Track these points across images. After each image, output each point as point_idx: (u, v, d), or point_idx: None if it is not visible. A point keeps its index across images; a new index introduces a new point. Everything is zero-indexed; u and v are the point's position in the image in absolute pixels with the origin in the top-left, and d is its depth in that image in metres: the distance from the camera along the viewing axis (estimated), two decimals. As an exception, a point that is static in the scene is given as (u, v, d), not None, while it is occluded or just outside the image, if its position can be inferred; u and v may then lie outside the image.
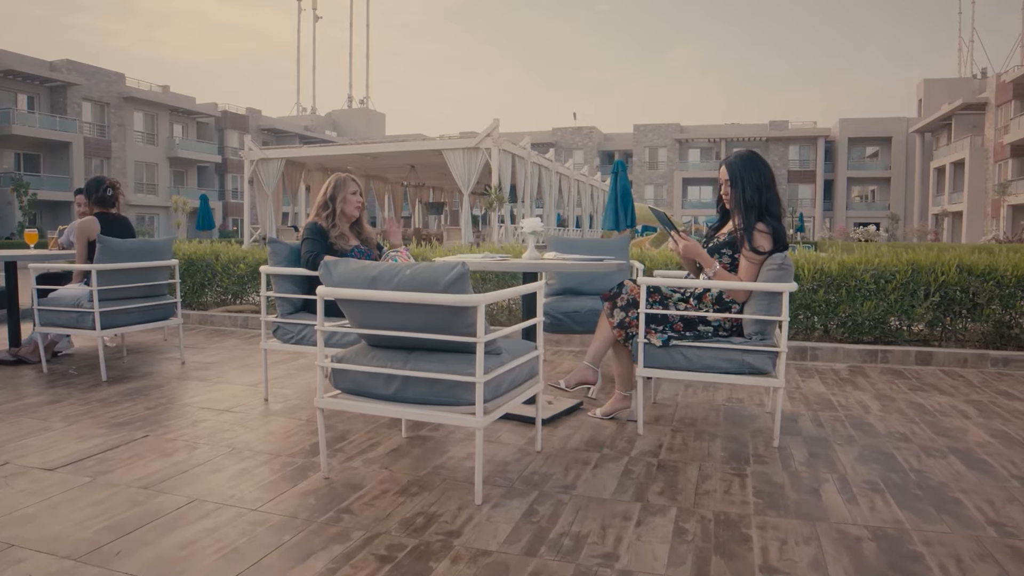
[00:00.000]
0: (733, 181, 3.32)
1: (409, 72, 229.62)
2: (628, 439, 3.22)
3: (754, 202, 3.24)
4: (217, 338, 6.10)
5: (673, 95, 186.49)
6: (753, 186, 3.25)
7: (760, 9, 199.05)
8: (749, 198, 3.25)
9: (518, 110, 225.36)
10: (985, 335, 5.35)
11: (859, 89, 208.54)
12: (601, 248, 4.95)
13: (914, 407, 3.91)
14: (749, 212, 3.25)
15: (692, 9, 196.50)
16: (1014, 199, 33.95)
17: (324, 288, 2.50)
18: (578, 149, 57.29)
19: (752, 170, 3.28)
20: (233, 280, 7.13)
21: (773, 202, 3.25)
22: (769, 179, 3.28)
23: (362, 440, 3.12)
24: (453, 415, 2.39)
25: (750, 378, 3.16)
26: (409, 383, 2.47)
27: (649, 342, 3.22)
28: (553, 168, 25.63)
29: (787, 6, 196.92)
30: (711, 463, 2.93)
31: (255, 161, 21.23)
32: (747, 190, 3.26)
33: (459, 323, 2.37)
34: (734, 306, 3.25)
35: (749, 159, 3.34)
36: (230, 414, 3.55)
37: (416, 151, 20.95)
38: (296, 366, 4.83)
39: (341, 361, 2.57)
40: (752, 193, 3.25)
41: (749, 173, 3.28)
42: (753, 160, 3.33)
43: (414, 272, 2.34)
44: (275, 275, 3.79)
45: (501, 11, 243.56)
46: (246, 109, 49.19)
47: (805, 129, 54.78)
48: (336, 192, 3.88)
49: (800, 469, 2.87)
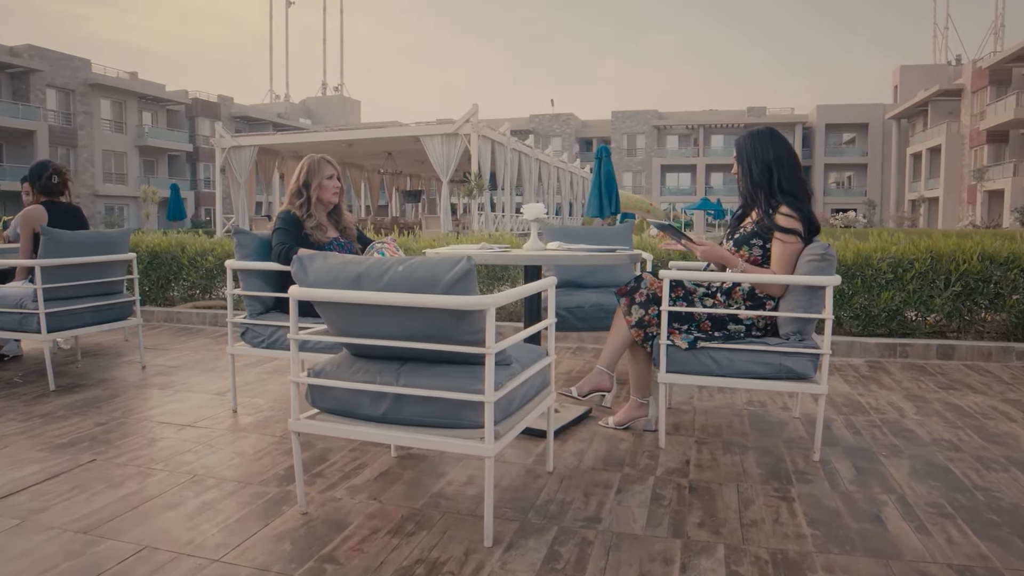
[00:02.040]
0: (740, 158, 2.96)
1: (384, 59, 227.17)
2: (650, 454, 2.84)
3: (763, 180, 2.87)
4: (183, 337, 5.62)
5: (651, 82, 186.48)
6: (761, 162, 2.89)
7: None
8: (757, 176, 2.89)
9: (495, 97, 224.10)
10: (1005, 326, 5.04)
11: (836, 75, 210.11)
12: (603, 237, 4.55)
13: (951, 409, 3.58)
14: (757, 192, 2.88)
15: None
16: (991, 185, 34.14)
17: (298, 288, 2.07)
18: (556, 136, 56.83)
19: (760, 145, 2.91)
20: (201, 274, 6.63)
21: (789, 180, 2.87)
22: (783, 155, 2.90)
23: (345, 461, 2.70)
24: (457, 441, 1.98)
25: (789, 384, 2.78)
26: (403, 401, 2.05)
27: (673, 344, 2.83)
28: (533, 155, 25.20)
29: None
30: (749, 483, 2.55)
31: (227, 149, 20.52)
32: (754, 167, 2.90)
33: (463, 329, 1.96)
34: (768, 302, 2.87)
35: (758, 133, 2.96)
36: (193, 430, 3.10)
37: (393, 137, 20.39)
38: (269, 369, 4.38)
39: (320, 375, 2.15)
40: (761, 170, 2.88)
41: (757, 148, 2.91)
42: (763, 134, 2.95)
43: (408, 269, 1.92)
44: (242, 271, 3.34)
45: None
46: (218, 96, 48.01)
47: (783, 115, 54.77)
48: (310, 177, 3.42)
49: (851, 489, 2.50)
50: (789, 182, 2.86)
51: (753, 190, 2.92)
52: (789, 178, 2.86)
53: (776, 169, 2.86)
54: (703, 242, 2.86)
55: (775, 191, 2.85)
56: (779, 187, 2.85)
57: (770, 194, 2.88)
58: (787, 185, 2.86)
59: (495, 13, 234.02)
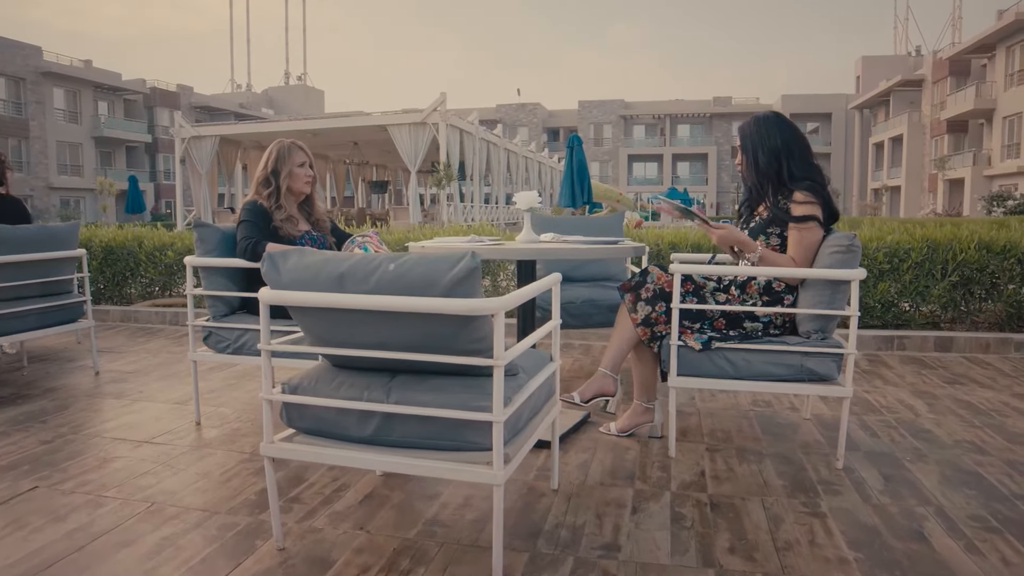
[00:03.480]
0: (744, 147, 2.74)
1: (348, 49, 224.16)
2: (660, 465, 2.59)
3: (771, 170, 2.64)
4: (142, 338, 5.23)
5: (617, 71, 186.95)
6: (768, 151, 2.65)
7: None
8: (764, 166, 2.66)
9: (461, 87, 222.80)
10: (999, 316, 4.91)
11: (800, 66, 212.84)
12: (593, 228, 4.30)
13: (964, 406, 3.41)
14: (765, 183, 2.66)
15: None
16: (952, 174, 34.71)
17: (270, 291, 1.77)
18: (523, 126, 56.45)
19: (767, 131, 2.68)
20: (160, 270, 6.23)
21: (801, 167, 2.64)
22: (791, 140, 2.66)
23: (324, 482, 2.41)
24: (460, 467, 1.70)
25: (810, 386, 2.56)
26: (394, 421, 1.77)
27: (685, 344, 2.58)
28: (501, 144, 24.90)
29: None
30: (774, 497, 2.32)
31: (187, 139, 19.85)
32: (760, 156, 2.67)
33: (466, 337, 1.68)
34: (787, 297, 2.64)
35: (763, 118, 2.73)
36: (151, 447, 2.78)
37: (360, 127, 19.91)
38: (235, 373, 4.05)
39: (297, 391, 1.85)
40: (768, 160, 2.64)
41: (763, 135, 2.68)
42: (768, 119, 2.72)
43: (401, 268, 1.64)
44: (205, 268, 3.01)
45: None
46: (177, 86, 46.63)
47: (748, 105, 55.11)
48: (279, 164, 3.10)
49: (885, 501, 2.29)
50: (800, 169, 2.63)
51: (760, 181, 2.69)
52: (800, 165, 2.63)
53: (784, 157, 2.62)
54: (721, 225, 2.61)
55: (784, 181, 2.62)
56: (789, 176, 2.62)
57: (779, 184, 2.66)
58: (798, 172, 2.62)
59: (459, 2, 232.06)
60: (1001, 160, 31.22)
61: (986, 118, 33.20)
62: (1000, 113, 31.44)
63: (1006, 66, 30.97)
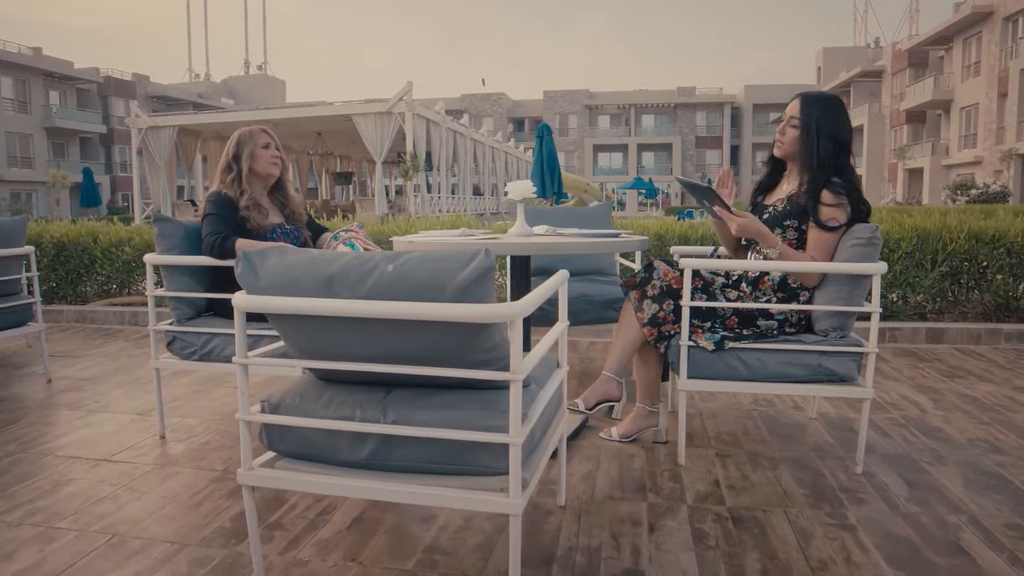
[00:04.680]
0: (807, 127, 2.43)
1: (309, 38, 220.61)
2: (671, 474, 2.41)
3: (828, 160, 2.42)
4: (98, 341, 4.90)
5: (582, 62, 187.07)
6: (831, 139, 2.41)
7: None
8: (823, 151, 2.40)
9: (424, 77, 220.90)
10: (987, 307, 4.85)
11: (763, 57, 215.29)
12: (581, 219, 4.10)
13: (968, 401, 3.31)
14: (821, 171, 2.42)
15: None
16: (911, 163, 35.33)
17: (246, 297, 1.54)
18: (488, 116, 56.11)
19: (835, 118, 2.44)
20: (117, 267, 5.87)
21: (848, 168, 2.45)
22: (849, 134, 2.46)
23: (307, 504, 2.18)
24: (471, 495, 1.49)
25: (828, 387, 2.40)
26: (393, 443, 1.55)
27: (696, 344, 2.40)
28: (468, 134, 24.60)
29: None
30: (797, 508, 2.16)
31: (143, 129, 19.18)
32: (822, 142, 2.41)
33: (476, 347, 1.47)
34: (803, 293, 2.47)
35: (833, 102, 2.47)
36: (110, 466, 2.51)
37: (324, 117, 19.44)
38: (201, 378, 3.77)
39: (279, 410, 1.62)
40: (830, 146, 2.41)
41: (830, 120, 2.43)
42: (838, 106, 2.46)
43: (402, 268, 1.41)
44: (166, 267, 2.74)
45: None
46: (132, 75, 45.20)
47: (712, 96, 55.46)
48: (241, 148, 2.85)
49: (913, 510, 2.14)
50: (849, 169, 2.43)
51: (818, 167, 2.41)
52: (847, 159, 2.44)
53: (843, 153, 2.42)
54: (744, 213, 2.40)
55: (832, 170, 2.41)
56: (838, 168, 2.41)
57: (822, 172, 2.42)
58: (846, 172, 2.42)
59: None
60: (959, 150, 31.85)
61: (944, 109, 33.83)
62: (957, 104, 32.05)
63: (963, 58, 31.55)
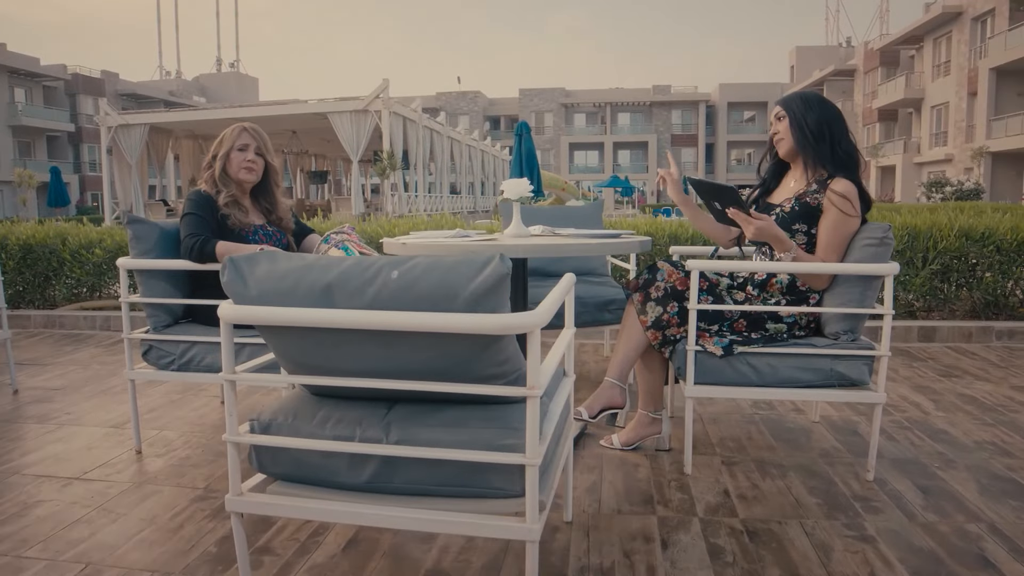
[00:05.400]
0: (791, 118, 2.41)
1: (283, 35, 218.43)
2: (678, 484, 2.32)
3: (823, 136, 2.35)
4: (68, 347, 4.70)
5: (557, 60, 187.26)
6: (817, 120, 2.37)
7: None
8: (814, 126, 2.36)
9: (399, 75, 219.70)
10: (976, 304, 4.84)
11: (737, 55, 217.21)
12: (571, 218, 4.00)
13: (968, 401, 3.26)
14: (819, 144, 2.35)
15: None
16: (884, 160, 35.79)
17: (233, 307, 1.40)
18: (463, 114, 55.88)
19: (815, 102, 2.40)
20: (87, 270, 5.65)
21: (847, 143, 2.38)
22: (834, 115, 2.40)
23: (298, 524, 2.04)
24: (484, 520, 1.37)
25: (840, 392, 2.32)
26: (397, 463, 1.43)
27: (703, 349, 2.31)
28: (445, 133, 24.40)
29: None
30: (813, 519, 2.07)
31: (113, 128, 18.73)
32: (808, 117, 2.37)
33: (487, 360, 1.35)
34: (812, 295, 2.39)
35: (811, 94, 2.45)
36: (83, 485, 2.35)
37: (298, 115, 19.11)
38: (179, 386, 3.61)
39: (270, 430, 1.49)
40: (818, 126, 2.36)
41: (811, 106, 2.39)
42: (813, 96, 2.44)
43: (408, 275, 1.29)
44: (141, 271, 2.58)
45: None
46: (101, 72, 44.29)
47: (687, 94, 55.73)
48: (220, 146, 2.71)
49: (931, 519, 2.06)
50: (846, 142, 2.36)
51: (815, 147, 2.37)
52: (846, 139, 2.36)
53: (833, 127, 2.35)
54: (760, 216, 2.30)
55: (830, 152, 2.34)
56: (836, 150, 2.34)
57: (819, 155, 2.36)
58: (844, 144, 2.35)
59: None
60: (930, 148, 32.32)
61: (915, 107, 34.31)
62: (928, 103, 32.52)
63: (933, 57, 32.02)
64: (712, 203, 2.41)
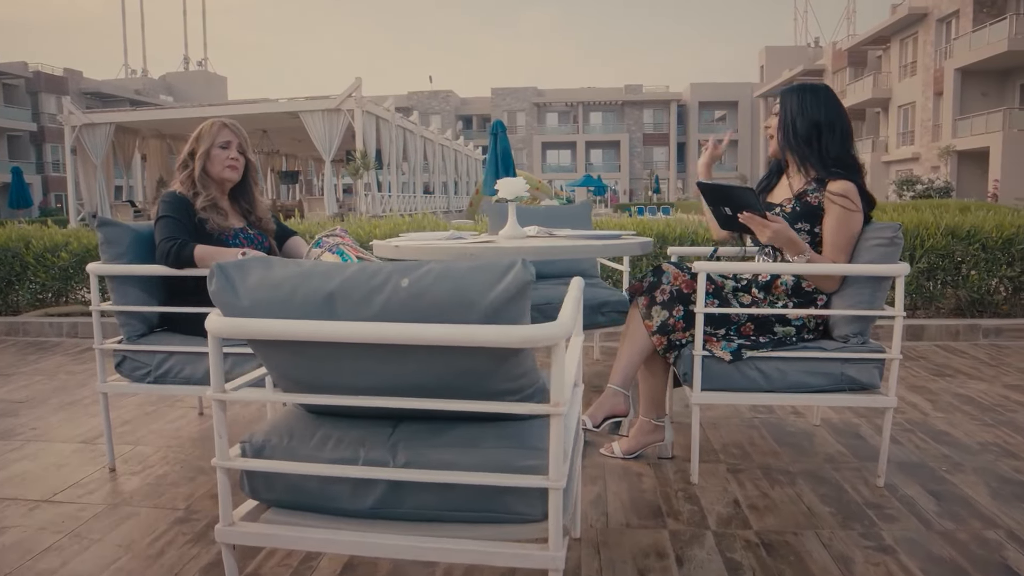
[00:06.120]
0: (782, 111, 2.37)
1: (252, 33, 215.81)
2: (686, 494, 2.23)
3: (810, 137, 2.29)
4: (33, 356, 4.49)
5: (531, 59, 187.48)
6: (808, 120, 2.30)
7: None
8: (802, 131, 2.30)
9: (370, 74, 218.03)
10: (960, 302, 4.84)
11: (708, 55, 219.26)
12: (561, 218, 3.90)
13: (965, 401, 3.23)
14: (805, 150, 2.30)
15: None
16: (852, 158, 36.27)
17: (221, 320, 1.27)
18: (435, 113, 55.57)
19: (812, 100, 2.32)
20: (52, 274, 5.42)
21: (839, 147, 2.31)
22: (834, 115, 2.32)
23: (289, 548, 1.91)
24: (502, 548, 1.26)
25: (850, 396, 2.25)
26: (404, 487, 1.31)
27: (711, 354, 2.22)
28: (418, 132, 24.20)
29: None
30: (828, 529, 1.99)
31: (78, 127, 18.21)
32: (798, 121, 2.31)
33: (504, 374, 1.25)
34: (820, 297, 2.31)
35: (810, 87, 2.37)
36: (52, 508, 2.19)
37: (269, 114, 18.79)
38: (153, 398, 3.44)
39: (264, 452, 1.36)
40: (807, 127, 2.30)
41: (805, 103, 2.32)
42: (816, 89, 2.37)
43: (420, 283, 1.18)
44: (114, 278, 2.42)
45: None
46: (64, 70, 43.24)
47: (658, 93, 56.06)
48: (198, 143, 2.56)
49: (949, 526, 2.00)
50: (840, 149, 2.29)
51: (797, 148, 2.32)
52: (840, 145, 2.29)
53: (825, 131, 2.28)
54: (776, 219, 2.22)
55: (823, 156, 2.28)
56: (826, 152, 2.28)
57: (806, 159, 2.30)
58: (835, 152, 2.29)
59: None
60: (897, 147, 32.84)
61: (882, 107, 34.84)
62: (895, 102, 33.04)
63: (900, 57, 32.53)
64: (721, 209, 2.33)
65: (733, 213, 2.28)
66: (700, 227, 5.05)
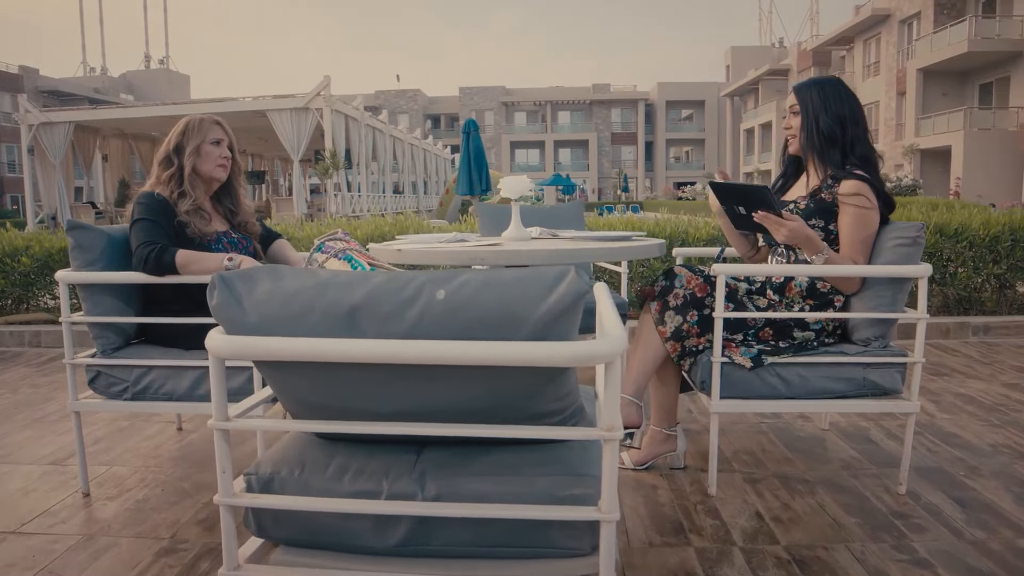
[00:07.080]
0: (803, 109, 2.28)
1: (215, 31, 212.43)
2: (705, 507, 2.12)
3: (835, 134, 2.21)
4: (-7, 367, 4.23)
5: (498, 58, 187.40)
6: (832, 115, 2.23)
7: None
8: (826, 128, 2.22)
9: (339, 73, 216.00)
10: (948, 300, 4.83)
11: (675, 54, 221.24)
12: (555, 218, 3.78)
13: (967, 401, 3.20)
14: (828, 149, 2.22)
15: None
16: (817, 157, 36.80)
17: (226, 339, 1.12)
18: (403, 112, 55.11)
19: (833, 95, 2.25)
20: (13, 280, 5.14)
21: (863, 141, 2.24)
22: (856, 107, 2.26)
23: (288, 578, 1.76)
24: (546, 588, 1.13)
25: (874, 402, 2.17)
26: (434, 522, 1.18)
27: (730, 360, 2.11)
28: (387, 131, 23.91)
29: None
30: (859, 542, 1.90)
31: (35, 126, 17.59)
32: (821, 118, 2.23)
33: (549, 395, 1.12)
34: (836, 299, 2.22)
35: (828, 81, 2.30)
36: (20, 541, 2.00)
37: (235, 113, 18.32)
38: (127, 413, 3.22)
39: (272, 486, 1.22)
40: (830, 123, 2.22)
41: (827, 98, 2.25)
42: (834, 83, 2.30)
43: (458, 295, 1.04)
44: (87, 286, 2.24)
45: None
46: (19, 67, 41.94)
47: (626, 92, 56.33)
48: (186, 139, 2.37)
49: (980, 536, 1.93)
50: (864, 145, 2.22)
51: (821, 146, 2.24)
52: (863, 141, 2.22)
53: (850, 126, 2.21)
54: (792, 217, 2.13)
55: (847, 151, 2.21)
56: (851, 148, 2.21)
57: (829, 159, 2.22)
58: (859, 148, 2.21)
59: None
60: (861, 144, 33.39)
61: (846, 105, 35.37)
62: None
63: (863, 58, 33.09)
64: (735, 208, 2.23)
65: (747, 212, 2.19)
66: (690, 226, 4.97)
